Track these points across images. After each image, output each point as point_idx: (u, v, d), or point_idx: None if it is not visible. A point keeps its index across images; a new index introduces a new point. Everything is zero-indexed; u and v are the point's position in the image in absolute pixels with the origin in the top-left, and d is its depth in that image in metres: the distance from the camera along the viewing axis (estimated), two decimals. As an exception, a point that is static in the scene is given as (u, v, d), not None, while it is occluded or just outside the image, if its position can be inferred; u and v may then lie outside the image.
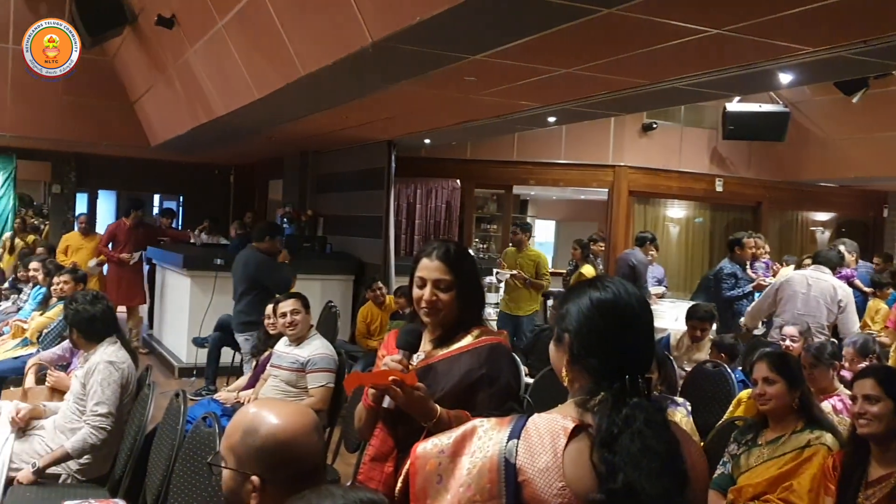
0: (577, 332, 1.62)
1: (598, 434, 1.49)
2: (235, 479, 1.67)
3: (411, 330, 2.34)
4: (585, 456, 1.49)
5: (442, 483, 1.53)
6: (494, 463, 1.50)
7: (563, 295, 1.83)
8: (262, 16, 5.49)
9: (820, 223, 13.57)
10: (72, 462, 3.87)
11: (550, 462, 1.48)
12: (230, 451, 1.69)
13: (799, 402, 3.31)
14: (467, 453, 1.54)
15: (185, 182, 13.92)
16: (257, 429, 1.67)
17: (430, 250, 2.40)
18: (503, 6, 3.74)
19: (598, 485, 1.46)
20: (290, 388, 4.59)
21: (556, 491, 1.47)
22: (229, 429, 1.72)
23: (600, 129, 10.60)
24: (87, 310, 4.00)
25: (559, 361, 1.67)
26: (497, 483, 1.49)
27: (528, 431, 1.53)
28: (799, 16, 3.83)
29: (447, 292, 2.34)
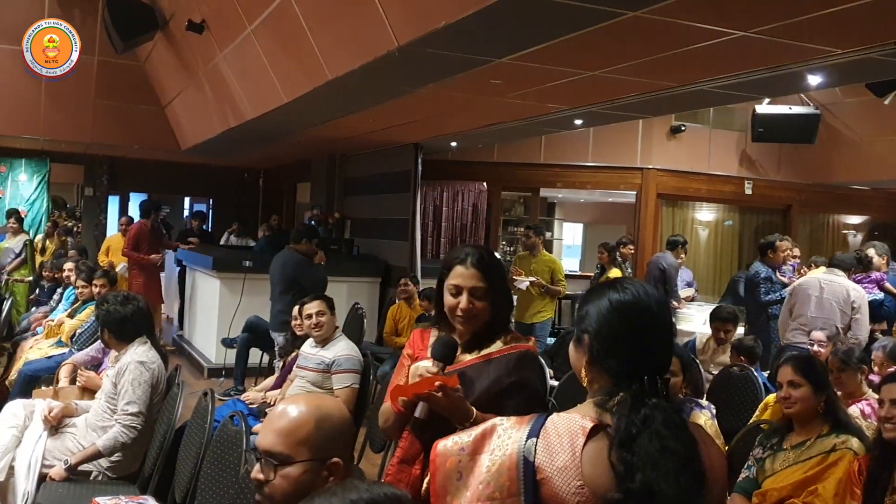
0: (596, 332, 1.63)
1: (616, 434, 1.50)
2: (311, 471, 1.70)
3: (448, 342, 2.30)
4: (604, 455, 1.49)
5: (462, 480, 1.55)
6: (513, 461, 1.51)
7: (583, 296, 1.81)
8: (290, 21, 5.55)
9: (851, 226, 13.39)
10: (103, 460, 3.94)
11: (569, 461, 1.49)
12: (301, 445, 1.71)
13: (825, 405, 3.29)
14: (487, 451, 1.55)
15: (214, 185, 14.08)
16: (329, 414, 1.75)
17: (464, 257, 2.37)
18: (529, 10, 3.76)
19: (616, 484, 1.47)
20: (316, 389, 4.62)
21: (573, 490, 1.48)
22: (289, 427, 1.73)
23: (628, 132, 10.55)
24: (118, 310, 4.08)
25: (579, 362, 1.68)
26: (516, 481, 1.50)
27: (546, 430, 1.54)
28: (828, 18, 3.81)
29: (483, 300, 2.33)
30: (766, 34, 4.14)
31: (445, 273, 2.41)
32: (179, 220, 15.83)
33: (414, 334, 2.58)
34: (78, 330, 6.04)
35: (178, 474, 3.59)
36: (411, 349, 2.51)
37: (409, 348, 2.53)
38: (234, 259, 8.64)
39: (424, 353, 2.45)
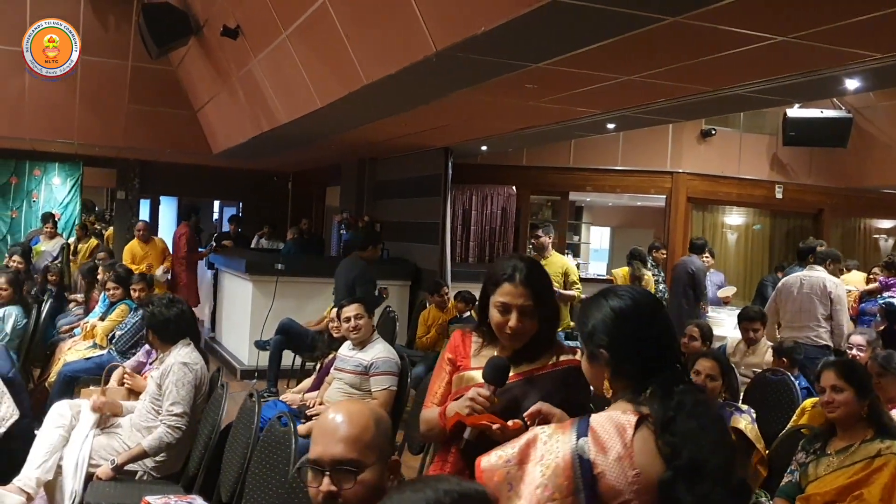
0: (610, 346, 1.76)
1: (657, 421, 1.64)
2: (379, 472, 1.73)
3: (501, 366, 2.27)
4: (651, 443, 1.62)
5: (513, 490, 1.62)
6: (568, 461, 1.60)
7: (581, 312, 1.91)
8: (325, 26, 5.61)
9: (883, 231, 13.26)
10: (147, 459, 4.01)
11: (622, 453, 1.60)
12: (368, 449, 1.73)
13: (868, 410, 3.28)
14: (534, 459, 1.64)
15: (243, 188, 14.20)
16: (382, 415, 1.80)
17: (512, 273, 2.34)
18: (569, 16, 3.76)
19: (666, 466, 1.60)
20: (354, 391, 4.68)
21: (630, 479, 1.59)
22: (355, 434, 1.74)
23: (658, 136, 10.52)
24: (163, 313, 4.17)
25: (598, 377, 1.81)
26: (573, 479, 1.59)
27: (593, 429, 1.65)
28: (867, 22, 3.79)
29: (532, 317, 2.32)
30: (806, 39, 4.12)
31: (492, 288, 2.37)
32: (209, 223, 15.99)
33: (455, 338, 2.55)
34: (117, 332, 6.15)
35: (224, 474, 3.65)
36: (453, 354, 2.50)
37: (451, 353, 2.51)
38: (267, 262, 8.73)
39: (467, 361, 2.45)
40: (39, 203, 12.18)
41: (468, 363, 2.44)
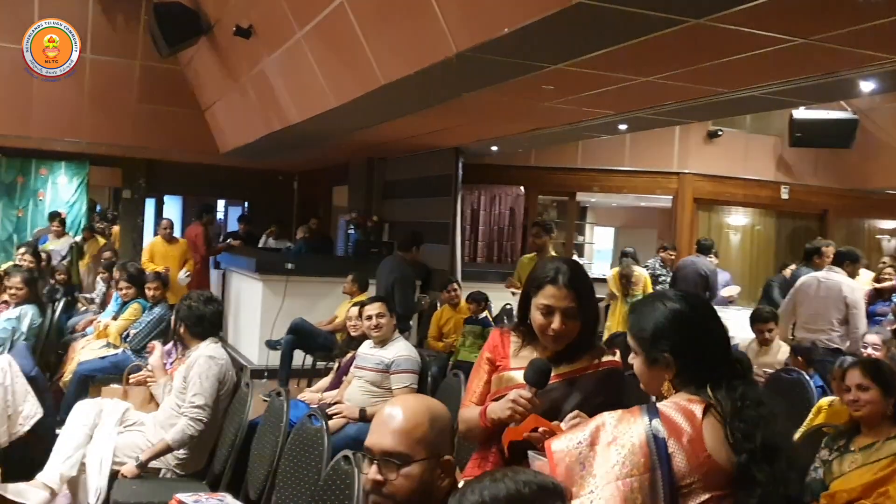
0: (675, 349, 1.84)
1: (726, 411, 1.75)
2: (429, 469, 1.75)
3: (543, 369, 2.29)
4: (719, 430, 1.73)
5: (586, 469, 1.71)
6: (644, 441, 1.71)
7: (635, 317, 1.96)
8: (343, 25, 5.63)
9: (887, 231, 13.31)
10: (170, 457, 4.03)
11: (693, 435, 1.72)
12: (419, 444, 1.75)
13: (893, 408, 3.31)
14: (603, 442, 1.73)
15: (249, 188, 14.20)
16: (440, 414, 1.81)
17: (555, 276, 2.36)
18: (594, 17, 3.79)
19: (734, 451, 1.71)
20: (375, 389, 4.70)
21: (702, 460, 1.70)
22: (406, 427, 1.77)
23: (665, 136, 10.56)
24: (199, 308, 4.23)
25: (656, 380, 1.89)
26: (650, 456, 1.69)
27: (664, 413, 1.76)
28: (888, 25, 3.83)
29: (574, 319, 2.34)
30: (826, 41, 4.16)
31: (535, 290, 2.39)
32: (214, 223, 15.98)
33: (493, 337, 2.58)
34: (131, 330, 6.17)
35: (252, 472, 3.68)
36: (492, 354, 2.52)
37: (490, 352, 2.53)
38: (277, 262, 8.76)
39: (507, 361, 2.48)
40: (45, 202, 12.17)
41: (508, 363, 2.46)
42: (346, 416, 4.63)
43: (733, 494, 1.71)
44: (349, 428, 4.56)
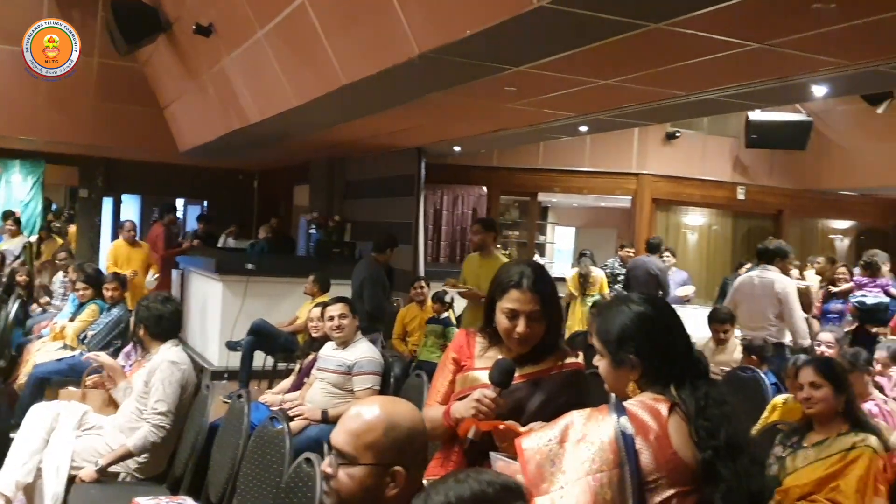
0: (641, 351, 1.89)
1: (690, 409, 1.81)
2: (375, 475, 1.75)
3: (508, 369, 2.31)
4: (683, 428, 1.80)
5: (556, 466, 1.76)
6: (612, 437, 1.76)
7: (601, 320, 2.01)
8: (304, 25, 5.61)
9: (839, 231, 13.63)
10: (130, 461, 3.97)
11: (659, 433, 1.78)
12: (367, 449, 1.76)
13: (844, 405, 3.40)
14: (573, 439, 1.79)
15: (208, 187, 14.05)
16: (399, 422, 1.79)
17: (519, 279, 2.37)
18: (555, 20, 3.82)
19: (699, 448, 1.78)
20: (336, 391, 4.69)
21: (668, 456, 1.76)
22: (359, 429, 1.78)
23: (624, 138, 10.70)
24: (157, 308, 4.15)
25: (622, 381, 1.94)
26: (618, 452, 1.74)
27: (630, 411, 1.81)
28: (840, 31, 3.94)
29: (539, 322, 2.37)
30: (782, 46, 4.26)
31: (500, 294, 2.41)
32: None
33: (459, 337, 2.60)
34: (88, 332, 6.08)
35: (213, 475, 3.64)
36: (457, 354, 2.54)
37: (455, 352, 2.55)
38: (237, 262, 8.67)
39: (472, 361, 2.49)
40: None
41: (472, 363, 2.48)
42: (309, 418, 4.61)
43: (698, 490, 1.76)
44: (311, 430, 4.54)
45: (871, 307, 7.08)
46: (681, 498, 1.75)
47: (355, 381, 4.65)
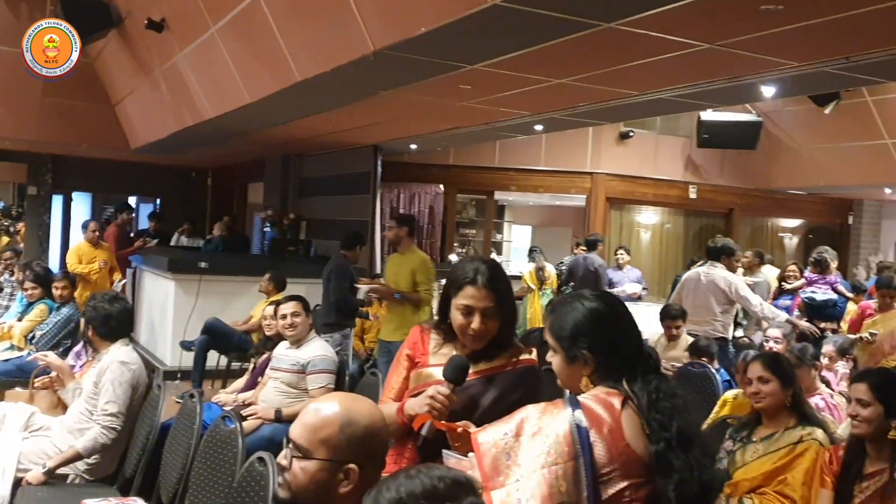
0: (594, 346, 1.92)
1: (642, 403, 1.84)
2: (327, 471, 1.75)
3: (462, 366, 2.30)
4: (636, 421, 1.83)
5: (511, 459, 1.78)
6: (567, 430, 1.78)
7: (554, 317, 2.03)
8: (258, 22, 5.56)
9: (788, 230, 13.91)
10: (79, 462, 3.90)
11: (613, 426, 1.81)
12: (322, 444, 1.76)
13: (791, 400, 3.47)
14: (528, 433, 1.81)
15: (161, 184, 13.86)
16: (356, 420, 1.78)
17: (474, 276, 2.37)
18: (509, 19, 3.85)
19: (651, 440, 1.81)
20: (290, 390, 4.65)
21: (621, 449, 1.79)
22: (315, 424, 1.78)
23: (579, 137, 10.80)
24: (104, 307, 4.06)
25: (575, 377, 1.97)
26: (573, 445, 1.77)
27: (584, 405, 1.84)
28: (788, 33, 4.02)
29: (494, 319, 2.37)
30: (731, 47, 4.34)
31: (454, 291, 2.40)
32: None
33: (413, 334, 2.58)
34: (37, 332, 5.95)
35: (164, 476, 3.59)
36: (412, 350, 2.53)
37: (410, 349, 2.54)
38: (190, 260, 8.55)
39: (426, 358, 2.49)
40: (-57, 198, 11.62)
41: (427, 360, 2.47)
42: (262, 418, 4.57)
43: (651, 482, 1.79)
44: (264, 429, 4.50)
45: (820, 303, 7.26)
46: (634, 490, 1.78)
47: (309, 379, 4.61)
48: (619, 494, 1.77)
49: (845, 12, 3.68)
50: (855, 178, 10.85)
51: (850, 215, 13.62)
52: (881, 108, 9.43)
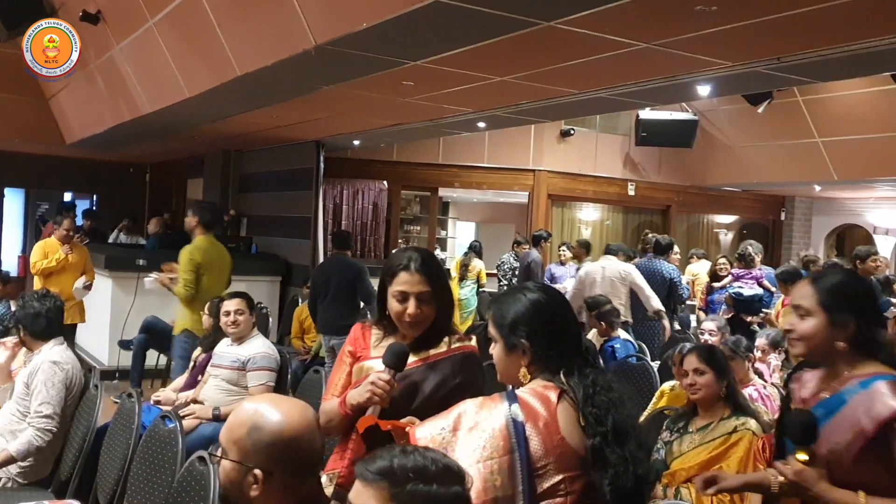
0: (531, 336, 1.95)
1: (578, 397, 1.86)
2: (238, 472, 1.74)
3: (400, 351, 2.33)
4: (572, 414, 1.85)
5: (448, 454, 1.75)
6: (503, 425, 1.80)
7: (496, 307, 2.07)
8: (196, 15, 5.48)
9: (724, 225, 14.26)
10: (13, 465, 3.80)
11: (549, 419, 1.82)
12: (234, 444, 1.75)
13: (726, 391, 3.56)
14: (465, 427, 1.82)
15: (98, 180, 13.54)
16: (264, 425, 1.74)
17: (408, 262, 2.41)
18: (450, 16, 3.87)
19: (587, 434, 1.83)
20: (231, 388, 4.61)
21: (556, 442, 1.81)
22: (233, 423, 1.78)
23: (521, 135, 10.89)
24: (34, 306, 3.94)
25: (513, 367, 1.99)
26: (509, 439, 1.78)
27: (521, 399, 1.85)
28: (722, 33, 4.12)
29: (429, 303, 2.40)
30: (667, 46, 4.43)
31: (389, 280, 2.43)
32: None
33: (355, 331, 2.59)
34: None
35: (102, 477, 3.53)
36: (353, 346, 2.54)
37: (351, 345, 2.55)
38: (128, 258, 8.38)
39: (367, 352, 2.50)
40: None
41: (368, 353, 2.49)
42: (200, 417, 4.52)
43: (586, 475, 1.81)
44: (204, 428, 4.45)
45: (747, 298, 7.46)
46: (569, 482, 1.80)
47: (249, 376, 4.58)
48: (554, 487, 1.79)
49: (776, 14, 3.80)
50: (787, 176, 11.18)
51: (783, 211, 14.03)
52: (812, 108, 9.74)
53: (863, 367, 2.13)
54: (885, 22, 3.87)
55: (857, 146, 9.68)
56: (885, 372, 2.10)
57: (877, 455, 2.03)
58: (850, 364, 2.15)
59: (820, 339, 2.15)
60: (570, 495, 1.80)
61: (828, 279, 2.21)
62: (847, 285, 2.19)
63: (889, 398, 2.02)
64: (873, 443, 2.02)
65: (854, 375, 2.13)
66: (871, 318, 2.16)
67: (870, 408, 2.04)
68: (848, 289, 2.18)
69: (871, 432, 2.02)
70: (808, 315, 2.17)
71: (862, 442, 2.04)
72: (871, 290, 2.32)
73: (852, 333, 2.12)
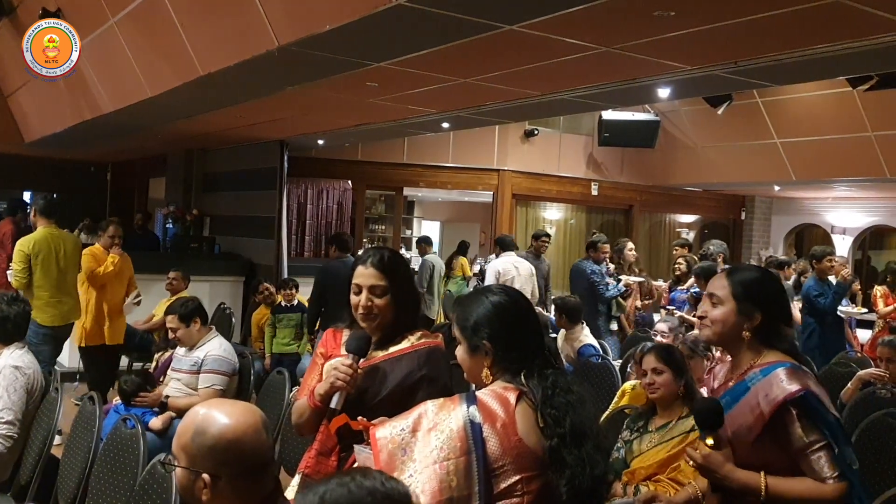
0: (494, 338, 1.99)
1: (537, 398, 1.89)
2: (188, 477, 1.75)
3: (362, 336, 2.42)
4: (531, 415, 1.88)
5: (407, 454, 1.82)
6: (461, 426, 1.83)
7: (460, 308, 2.11)
8: (158, 14, 5.44)
9: (685, 225, 14.45)
10: (-29, 470, 3.76)
11: (506, 420, 1.85)
12: (182, 450, 1.75)
13: (684, 390, 3.63)
14: (424, 428, 1.85)
15: (58, 179, 13.33)
16: (207, 429, 1.74)
17: (365, 258, 2.51)
18: (413, 19, 3.89)
19: (545, 435, 1.86)
20: (192, 392, 4.55)
21: (513, 443, 1.83)
22: (180, 429, 1.78)
23: (486, 135, 10.94)
24: (1, 309, 3.88)
25: (477, 367, 2.03)
26: (466, 440, 1.81)
27: (481, 400, 1.88)
28: (680, 38, 4.19)
29: (382, 297, 2.45)
30: (626, 50, 4.49)
31: (351, 275, 2.52)
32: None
33: (326, 334, 2.66)
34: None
35: (62, 481, 3.50)
36: (324, 348, 2.59)
37: (322, 347, 2.61)
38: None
39: (338, 351, 2.53)
40: None
41: (337, 352, 2.53)
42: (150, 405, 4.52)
43: (544, 475, 1.84)
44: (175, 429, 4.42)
45: (706, 297, 7.54)
46: (526, 483, 1.83)
47: (200, 378, 4.54)
48: (511, 488, 1.82)
49: (734, 19, 3.87)
50: (747, 176, 11.36)
51: (743, 211, 14.26)
52: (770, 110, 9.92)
53: (766, 356, 2.32)
54: (838, 28, 3.96)
55: (815, 147, 9.87)
56: (785, 360, 2.28)
57: (773, 436, 2.20)
58: (755, 354, 2.34)
59: (728, 326, 2.34)
60: (527, 495, 1.82)
61: (742, 274, 2.41)
62: (757, 281, 2.38)
63: (785, 383, 2.20)
64: (770, 425, 2.20)
65: (757, 364, 2.31)
66: (776, 313, 2.36)
67: (768, 392, 2.23)
68: (758, 284, 2.37)
69: (768, 415, 2.19)
70: (720, 303, 2.36)
71: (761, 424, 2.21)
72: (780, 287, 2.49)
73: (758, 323, 2.32)
